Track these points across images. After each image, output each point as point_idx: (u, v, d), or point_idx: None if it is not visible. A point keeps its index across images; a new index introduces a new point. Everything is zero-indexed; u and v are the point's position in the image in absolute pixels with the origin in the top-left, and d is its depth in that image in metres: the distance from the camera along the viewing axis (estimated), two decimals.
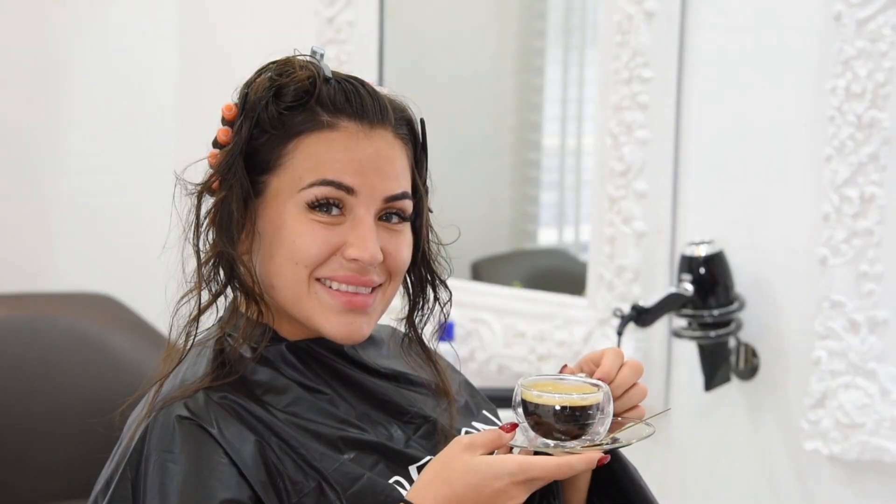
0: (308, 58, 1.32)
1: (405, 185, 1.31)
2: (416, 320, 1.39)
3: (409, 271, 1.35)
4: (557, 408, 1.20)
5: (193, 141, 3.55)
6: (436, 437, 1.32)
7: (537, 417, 1.21)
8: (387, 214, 1.31)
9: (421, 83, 2.90)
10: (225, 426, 1.23)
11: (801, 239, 2.13)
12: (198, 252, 1.30)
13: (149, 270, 3.25)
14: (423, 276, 1.38)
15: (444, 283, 1.39)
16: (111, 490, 1.25)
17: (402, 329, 1.40)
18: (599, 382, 1.23)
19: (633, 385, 1.29)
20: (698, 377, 2.24)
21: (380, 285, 1.31)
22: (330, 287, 1.28)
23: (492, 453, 1.20)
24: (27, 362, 2.64)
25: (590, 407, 1.20)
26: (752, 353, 2.22)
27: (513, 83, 3.04)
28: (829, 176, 2.04)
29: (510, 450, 1.21)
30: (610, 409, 1.22)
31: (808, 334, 2.12)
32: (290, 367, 1.30)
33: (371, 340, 1.39)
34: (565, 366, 1.29)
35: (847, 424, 2.05)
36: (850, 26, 2.00)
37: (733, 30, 2.20)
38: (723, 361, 2.22)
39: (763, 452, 2.22)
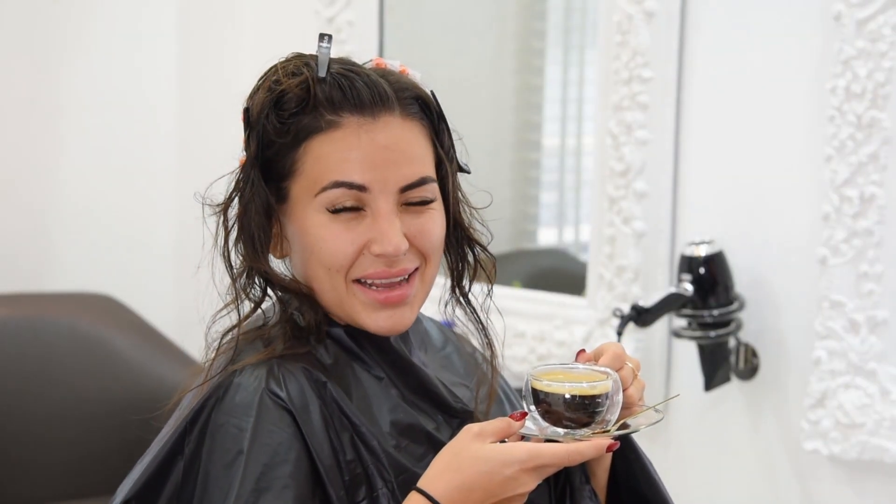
0: (298, 56, 1.32)
1: (422, 169, 1.30)
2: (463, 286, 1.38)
3: (445, 243, 1.35)
4: (567, 396, 1.20)
5: (193, 141, 3.57)
6: None
7: (547, 406, 1.21)
8: (409, 202, 1.30)
9: (421, 83, 2.89)
10: (295, 393, 1.24)
11: (801, 239, 2.13)
12: (230, 267, 1.30)
13: (148, 271, 3.27)
14: (459, 241, 1.37)
15: (479, 243, 1.37)
16: (166, 451, 1.25)
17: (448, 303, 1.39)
18: (608, 370, 1.24)
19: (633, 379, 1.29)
20: (698, 377, 2.24)
21: (416, 269, 1.30)
22: (366, 286, 1.28)
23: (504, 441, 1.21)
24: (27, 362, 2.64)
25: (599, 395, 1.21)
26: (752, 353, 2.21)
27: (513, 83, 3.04)
28: (829, 176, 2.04)
29: (521, 438, 1.22)
30: (619, 396, 1.23)
31: (808, 334, 2.12)
32: (347, 350, 1.31)
33: (419, 333, 1.39)
34: (582, 350, 1.29)
35: (847, 424, 2.05)
36: (849, 26, 2.00)
37: (733, 30, 2.20)
38: (723, 361, 2.22)
39: (763, 452, 2.22)
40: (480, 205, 1.40)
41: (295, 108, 1.28)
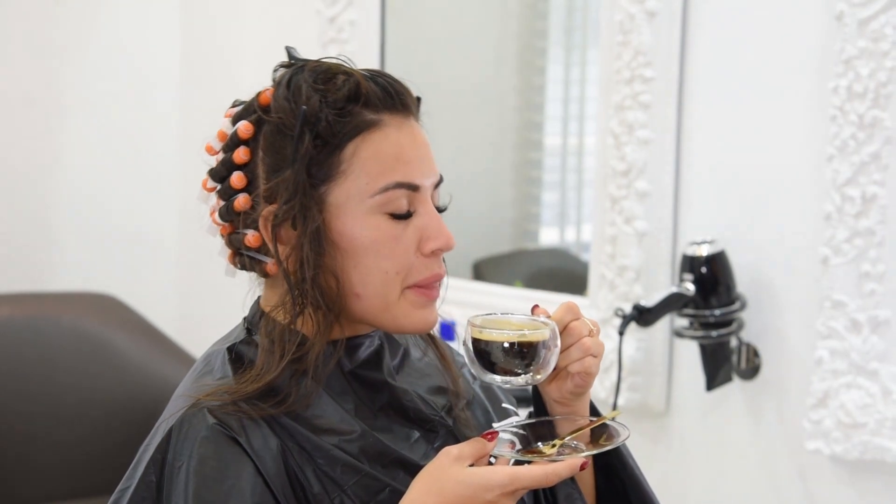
0: (339, 59, 1.30)
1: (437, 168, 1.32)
2: None
3: None
4: (506, 345, 1.23)
5: (195, 141, 3.55)
6: None
7: (487, 355, 1.24)
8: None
9: (422, 82, 2.89)
10: (251, 432, 1.23)
11: (802, 238, 2.13)
12: (288, 278, 1.26)
13: (150, 270, 3.27)
14: None
15: None
16: (133, 488, 1.25)
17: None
18: (547, 320, 1.25)
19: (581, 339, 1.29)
20: (700, 377, 2.24)
21: None
22: (419, 287, 1.28)
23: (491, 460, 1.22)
24: (29, 362, 2.64)
25: (535, 343, 1.23)
26: (753, 353, 2.21)
27: (514, 83, 3.04)
28: (831, 175, 2.04)
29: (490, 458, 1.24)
30: (557, 347, 1.25)
31: (809, 334, 2.12)
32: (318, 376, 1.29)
33: (395, 343, 1.39)
34: (537, 305, 1.30)
35: (849, 424, 2.05)
36: (851, 26, 1.99)
37: (735, 29, 2.20)
38: (724, 361, 2.22)
39: (765, 452, 2.22)
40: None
41: (343, 106, 1.26)
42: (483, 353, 1.24)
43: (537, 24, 3.04)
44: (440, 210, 1.31)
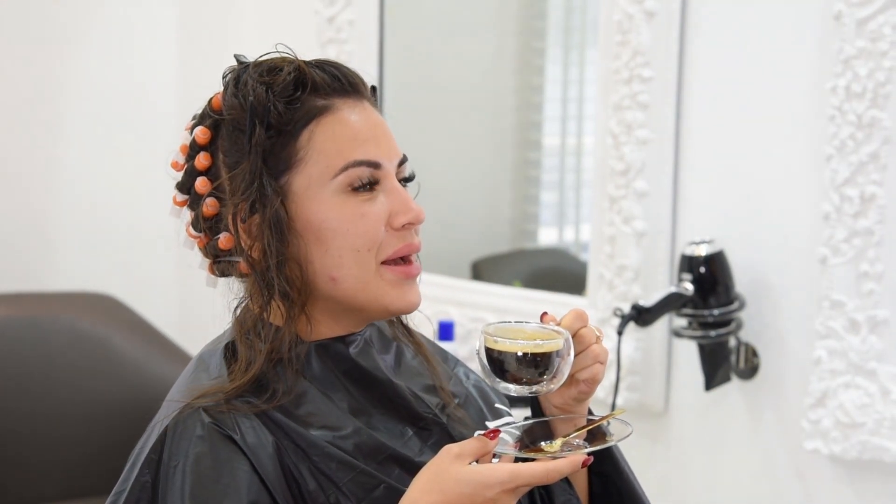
0: (283, 52, 1.32)
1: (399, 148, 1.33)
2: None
3: None
4: (520, 354, 1.23)
5: None
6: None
7: (500, 364, 1.24)
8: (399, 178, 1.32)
9: (421, 82, 2.90)
10: (245, 429, 1.23)
11: (801, 238, 2.13)
12: (253, 266, 1.27)
13: (149, 270, 3.27)
14: None
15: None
16: (128, 491, 1.24)
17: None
18: (561, 329, 1.25)
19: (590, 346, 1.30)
20: (699, 377, 2.24)
21: None
22: (393, 263, 1.29)
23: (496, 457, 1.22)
24: (27, 361, 2.64)
25: (549, 353, 1.23)
26: (752, 353, 2.22)
27: (513, 82, 3.04)
28: (830, 175, 2.04)
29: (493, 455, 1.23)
30: (571, 356, 1.25)
31: (808, 334, 2.12)
32: (309, 370, 1.30)
33: (387, 340, 1.39)
34: (545, 312, 1.30)
35: (847, 424, 2.05)
36: (850, 26, 2.00)
37: (734, 29, 2.20)
38: (723, 361, 2.22)
39: (763, 452, 2.22)
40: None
41: (291, 95, 1.28)
42: (497, 362, 1.24)
43: (536, 24, 3.04)
44: (409, 179, 1.32)
